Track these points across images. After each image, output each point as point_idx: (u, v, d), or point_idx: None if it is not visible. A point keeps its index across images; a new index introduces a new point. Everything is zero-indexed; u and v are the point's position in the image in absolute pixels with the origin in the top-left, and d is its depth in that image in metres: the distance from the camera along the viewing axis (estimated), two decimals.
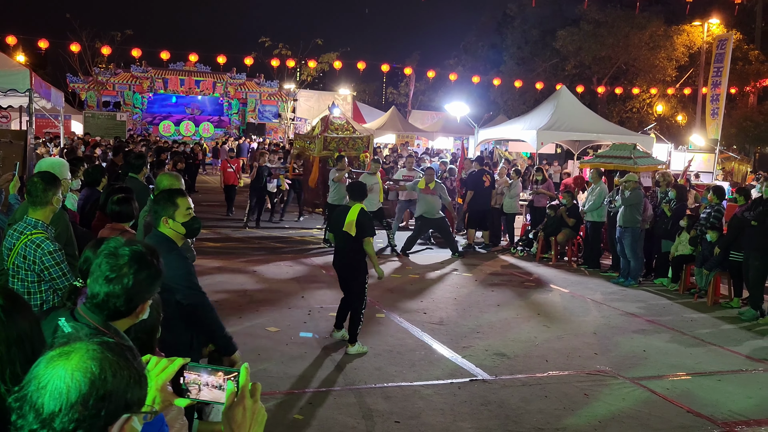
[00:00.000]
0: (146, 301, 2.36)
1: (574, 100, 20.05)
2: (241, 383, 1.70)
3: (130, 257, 2.32)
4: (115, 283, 2.28)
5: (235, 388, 1.69)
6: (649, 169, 13.74)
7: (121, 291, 2.28)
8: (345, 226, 7.29)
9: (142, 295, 2.31)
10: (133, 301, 2.30)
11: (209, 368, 1.72)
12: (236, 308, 8.72)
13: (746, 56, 33.59)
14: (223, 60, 38.93)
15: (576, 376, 6.90)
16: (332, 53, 43.83)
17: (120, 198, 5.39)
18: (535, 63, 38.93)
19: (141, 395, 1.40)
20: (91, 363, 1.33)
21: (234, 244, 13.42)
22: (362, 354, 7.18)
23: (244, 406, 1.69)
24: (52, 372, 1.32)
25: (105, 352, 1.36)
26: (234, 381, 1.69)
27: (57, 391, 1.30)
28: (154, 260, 2.35)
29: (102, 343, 1.38)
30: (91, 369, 1.32)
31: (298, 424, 5.45)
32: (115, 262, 2.30)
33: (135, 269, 2.29)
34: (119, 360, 1.37)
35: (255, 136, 38.82)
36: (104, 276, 2.28)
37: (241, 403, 1.69)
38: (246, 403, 1.70)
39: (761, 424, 5.90)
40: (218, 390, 1.70)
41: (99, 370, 1.33)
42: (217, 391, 1.70)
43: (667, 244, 11.47)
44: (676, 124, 36.25)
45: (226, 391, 1.69)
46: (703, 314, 9.73)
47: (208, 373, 1.71)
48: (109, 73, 40.49)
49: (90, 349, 1.36)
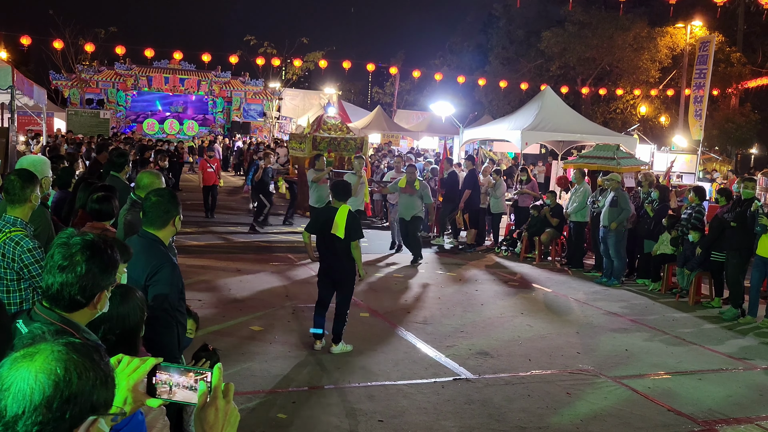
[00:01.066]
0: (103, 290, 2.31)
1: (559, 100, 20.13)
2: (214, 384, 1.68)
3: (81, 245, 2.28)
4: (68, 272, 2.24)
5: (207, 388, 1.67)
6: (632, 170, 13.84)
7: (74, 279, 2.24)
8: (333, 228, 7.12)
9: (97, 283, 2.26)
10: (88, 289, 2.25)
11: (181, 368, 1.70)
12: (219, 307, 8.69)
13: (728, 58, 33.89)
14: (208, 58, 38.77)
15: (559, 375, 6.94)
16: (318, 52, 43.85)
17: (100, 196, 5.36)
18: (520, 63, 39.09)
19: (108, 397, 1.37)
20: (55, 364, 1.30)
21: (218, 243, 13.37)
22: (346, 353, 7.16)
23: (216, 407, 1.67)
24: (16, 374, 1.29)
25: (70, 353, 1.33)
26: (206, 381, 1.67)
27: (20, 393, 1.27)
28: (107, 249, 2.31)
29: (67, 343, 1.35)
30: (55, 371, 1.30)
31: (282, 423, 5.45)
32: (67, 251, 2.26)
33: (87, 256, 2.25)
34: (85, 361, 1.34)
35: (240, 134, 38.68)
36: (57, 265, 2.25)
37: (213, 403, 1.67)
38: (218, 403, 1.68)
39: (740, 422, 5.97)
40: (191, 391, 1.68)
41: (63, 372, 1.30)
42: (190, 392, 1.68)
43: (649, 244, 11.55)
44: (659, 125, 36.53)
45: (198, 391, 1.67)
46: (684, 314, 9.81)
47: (180, 374, 1.69)
48: (92, 71, 40.17)
49: (55, 350, 1.33)
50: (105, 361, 1.39)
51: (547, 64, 37.46)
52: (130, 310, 2.42)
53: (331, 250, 7.25)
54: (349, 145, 16.18)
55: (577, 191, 12.69)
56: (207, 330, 7.58)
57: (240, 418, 1.75)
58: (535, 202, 14.03)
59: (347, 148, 16.17)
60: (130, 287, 2.59)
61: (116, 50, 36.06)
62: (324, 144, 15.54)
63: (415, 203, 12.29)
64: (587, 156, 14.77)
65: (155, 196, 4.10)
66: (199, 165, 18.57)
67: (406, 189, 12.36)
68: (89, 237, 2.31)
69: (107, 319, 2.42)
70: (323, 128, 16.26)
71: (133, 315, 2.43)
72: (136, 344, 2.45)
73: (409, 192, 12.32)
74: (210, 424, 1.66)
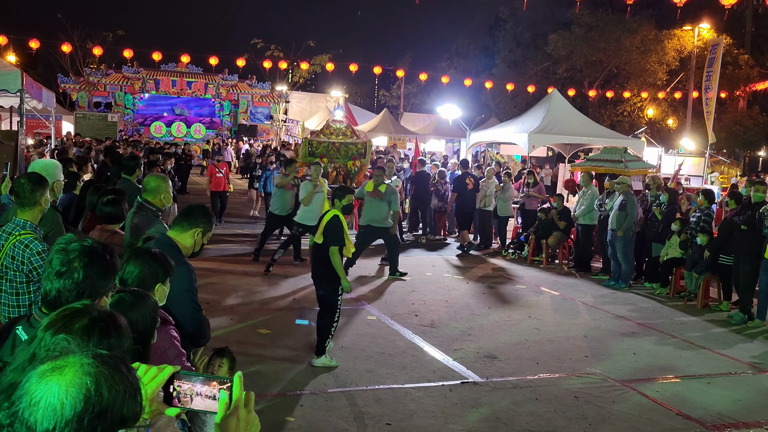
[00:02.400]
0: (102, 296, 2.30)
1: (566, 103, 20.10)
2: (235, 393, 1.66)
3: (79, 251, 2.26)
4: (66, 278, 2.23)
5: (228, 398, 1.66)
6: (639, 173, 13.80)
7: (72, 285, 2.22)
8: (316, 235, 6.93)
9: (95, 289, 2.24)
10: (86, 295, 2.23)
11: (202, 377, 1.69)
12: (227, 310, 8.71)
13: (736, 61, 33.78)
14: (215, 61, 38.89)
15: (567, 378, 6.92)
16: (324, 55, 43.99)
17: (110, 199, 5.38)
18: (527, 66, 39.06)
19: (136, 409, 1.35)
20: (86, 378, 1.28)
21: (225, 246, 13.38)
22: (330, 368, 6.77)
23: (237, 417, 1.66)
24: (45, 387, 1.27)
25: (99, 366, 1.31)
26: (227, 390, 1.66)
27: (51, 407, 1.25)
28: (106, 254, 2.30)
29: (96, 356, 1.33)
30: (86, 384, 1.28)
31: (290, 426, 5.45)
32: (65, 256, 2.25)
33: (85, 262, 2.23)
34: (114, 374, 1.32)
35: (246, 137, 38.76)
36: (55, 271, 2.24)
37: (234, 413, 1.66)
38: (240, 413, 1.66)
39: (750, 426, 5.94)
40: (211, 399, 1.66)
41: (95, 386, 1.28)
42: (210, 401, 1.66)
43: (657, 247, 11.52)
44: (666, 127, 36.42)
45: (219, 400, 1.66)
46: (692, 317, 9.77)
47: (201, 383, 1.68)
48: (100, 74, 40.37)
49: (84, 363, 1.31)
50: (133, 374, 1.37)
51: (554, 67, 37.42)
52: (140, 316, 2.41)
53: (312, 257, 7.13)
54: (349, 151, 14.89)
55: (584, 194, 12.66)
56: (215, 333, 7.56)
57: (259, 426, 1.73)
58: (543, 205, 14.01)
59: (346, 155, 14.82)
60: (142, 292, 2.58)
61: (124, 53, 36.18)
62: (322, 148, 14.45)
63: (381, 209, 11.20)
64: (595, 159, 14.74)
65: (195, 207, 4.14)
66: (208, 170, 17.99)
67: (373, 193, 11.33)
68: (88, 243, 2.30)
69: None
70: (326, 132, 15.14)
71: (143, 321, 2.41)
72: (146, 351, 2.44)
73: (377, 196, 11.26)
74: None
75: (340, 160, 14.76)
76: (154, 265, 3.06)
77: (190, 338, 3.94)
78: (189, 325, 3.89)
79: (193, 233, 4.02)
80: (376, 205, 11.21)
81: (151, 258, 3.08)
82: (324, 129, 15.37)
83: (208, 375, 1.71)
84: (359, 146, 15.08)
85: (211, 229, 4.17)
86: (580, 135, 18.57)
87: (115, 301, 2.42)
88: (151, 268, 3.05)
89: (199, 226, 4.04)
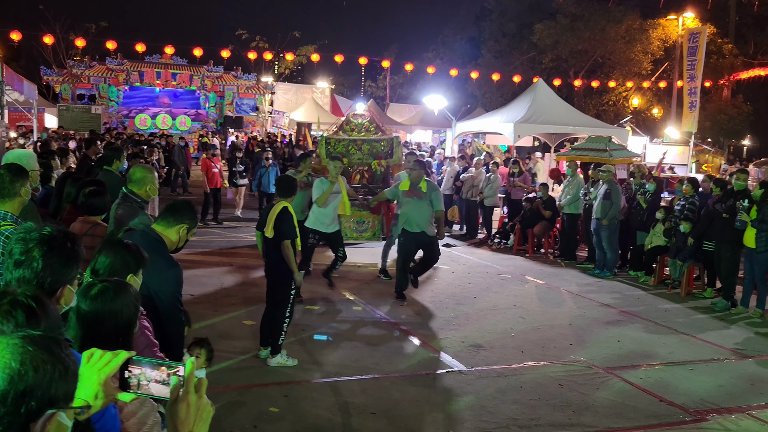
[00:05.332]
0: (65, 285, 2.27)
1: (551, 93, 20.13)
2: (186, 378, 1.65)
3: (38, 240, 2.22)
4: (25, 267, 2.19)
5: (179, 382, 1.65)
6: (624, 162, 13.86)
7: (31, 275, 2.19)
8: (266, 229, 6.60)
9: (57, 278, 2.21)
10: (47, 285, 2.20)
11: (154, 362, 1.68)
12: (212, 302, 8.68)
13: (720, 50, 33.94)
14: (200, 53, 38.62)
15: (551, 366, 6.95)
16: (310, 46, 43.79)
17: (92, 191, 5.33)
18: (513, 56, 39.08)
19: (68, 390, 1.34)
20: (10, 358, 1.28)
21: (210, 239, 13.33)
22: (287, 367, 6.50)
23: (188, 402, 1.64)
24: None
25: (26, 345, 1.30)
26: (178, 375, 1.65)
27: None
28: (67, 242, 2.25)
29: (25, 336, 1.32)
30: (9, 364, 1.27)
31: (274, 416, 5.44)
32: (24, 246, 2.21)
33: (45, 251, 2.19)
34: (42, 353, 1.31)
35: (233, 129, 38.55)
36: (14, 261, 2.20)
37: (185, 398, 1.64)
38: (190, 398, 1.65)
39: (732, 411, 5.99)
40: (163, 385, 1.65)
41: (19, 365, 1.28)
42: (162, 386, 1.66)
43: (642, 235, 11.57)
44: (651, 117, 36.58)
45: (170, 386, 1.65)
46: (676, 305, 9.84)
47: (152, 368, 1.67)
48: (83, 66, 39.95)
49: (10, 343, 1.30)
50: (66, 353, 1.36)
51: (539, 57, 37.45)
52: (124, 305, 2.39)
53: (264, 251, 6.87)
54: (373, 149, 12.93)
55: (570, 183, 12.69)
56: (200, 324, 7.56)
57: (213, 414, 1.70)
58: (528, 195, 14.04)
59: (370, 153, 12.91)
60: (123, 282, 2.56)
61: (107, 45, 35.87)
62: (341, 147, 12.62)
63: (422, 210, 9.28)
64: (580, 148, 14.79)
65: (181, 202, 4.16)
66: (202, 165, 15.84)
67: (410, 191, 9.43)
68: (47, 231, 2.25)
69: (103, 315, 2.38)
70: (345, 128, 13.21)
71: (126, 311, 2.39)
72: (129, 340, 2.42)
73: (414, 195, 9.35)
74: (181, 419, 1.63)
75: (364, 160, 12.97)
76: (126, 255, 3.03)
77: (168, 338, 3.91)
78: (170, 326, 3.88)
79: (179, 229, 4.01)
80: (416, 207, 9.27)
81: (124, 249, 3.05)
82: (344, 125, 13.52)
83: (161, 361, 1.70)
84: (384, 143, 13.20)
85: (196, 225, 4.18)
86: (565, 124, 18.61)
87: (98, 291, 2.39)
88: (124, 259, 3.02)
89: (185, 223, 4.04)
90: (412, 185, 9.35)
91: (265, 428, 5.24)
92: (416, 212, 9.23)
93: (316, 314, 8.41)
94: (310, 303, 8.80)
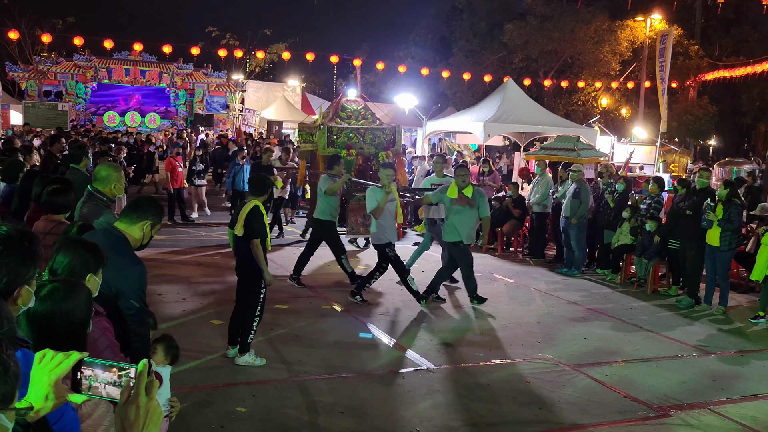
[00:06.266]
0: (22, 285, 2.24)
1: (520, 92, 20.31)
2: (137, 380, 1.63)
3: None
4: None
5: (130, 384, 1.63)
6: (591, 161, 14.03)
7: None
8: (236, 227, 6.57)
9: (13, 278, 2.18)
10: (2, 284, 2.15)
11: (106, 364, 1.66)
12: (180, 301, 8.61)
13: (687, 51, 34.46)
14: (169, 50, 38.11)
15: (519, 364, 7.01)
16: (281, 44, 43.49)
17: (55, 189, 5.27)
18: (483, 56, 39.25)
19: (6, 390, 1.32)
20: None
21: (179, 237, 13.21)
22: (255, 366, 6.46)
23: (137, 404, 1.62)
24: None
25: None
26: (129, 377, 1.63)
27: None
28: (24, 241, 2.22)
29: None
30: None
31: (241, 416, 5.41)
32: None
33: (0, 251, 2.16)
34: None
35: (203, 127, 38.24)
36: None
37: (134, 401, 1.63)
38: (140, 401, 1.63)
39: (694, 407, 6.09)
40: (115, 386, 1.64)
41: None
42: (114, 388, 1.64)
43: (609, 234, 11.72)
44: (620, 117, 37.01)
45: (121, 388, 1.63)
46: (642, 302, 9.98)
47: (104, 369, 1.65)
48: (50, 62, 39.36)
49: None
50: (7, 354, 1.34)
51: (509, 57, 37.67)
52: (75, 305, 2.35)
53: (235, 250, 6.84)
54: (376, 139, 12.11)
55: (539, 182, 12.80)
56: (167, 324, 7.50)
57: (161, 415, 1.69)
58: (498, 194, 14.13)
59: (374, 142, 12.06)
60: (75, 282, 2.52)
61: (74, 41, 35.26)
62: (344, 137, 11.73)
63: (472, 219, 9.02)
64: (548, 147, 14.94)
65: (144, 198, 4.09)
66: (165, 164, 15.44)
67: (460, 200, 8.94)
68: (3, 230, 2.22)
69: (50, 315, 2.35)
70: (342, 115, 12.25)
71: (78, 311, 2.36)
72: (83, 340, 2.39)
73: (466, 204, 8.92)
74: (130, 421, 1.61)
75: (369, 151, 12.21)
76: (85, 254, 2.99)
77: (133, 338, 3.87)
78: (135, 325, 3.84)
79: (142, 225, 3.95)
80: (468, 216, 8.95)
81: (83, 247, 3.01)
82: (339, 111, 12.50)
83: (112, 362, 1.68)
84: (387, 131, 12.41)
85: (160, 221, 4.12)
86: (534, 124, 18.79)
87: (48, 291, 2.36)
88: (82, 258, 2.98)
89: (149, 219, 3.98)
90: (461, 192, 8.93)
91: (232, 428, 5.22)
92: (467, 221, 8.94)
93: (285, 313, 8.38)
94: (280, 302, 8.77)
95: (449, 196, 8.97)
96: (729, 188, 9.31)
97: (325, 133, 11.51)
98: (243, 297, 6.71)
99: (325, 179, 9.73)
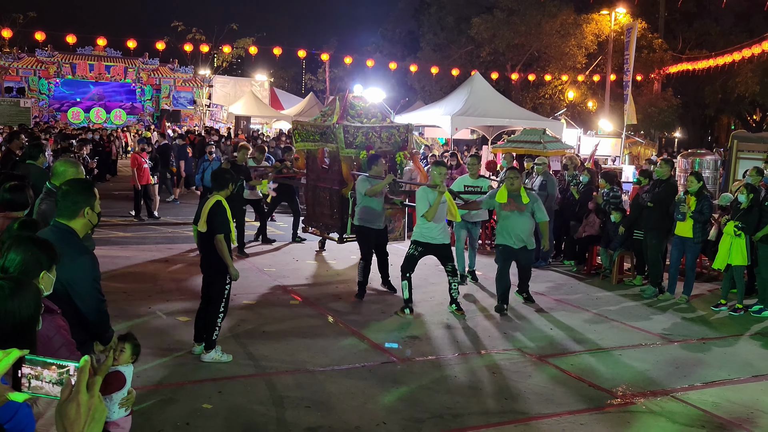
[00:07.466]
0: None
1: (488, 86, 20.41)
2: (77, 377, 1.60)
3: None
4: None
5: (70, 381, 1.60)
6: (557, 153, 14.15)
7: None
8: (199, 223, 6.50)
9: None
10: None
11: (47, 361, 1.64)
12: (145, 298, 8.52)
13: (651, 44, 34.87)
14: (134, 44, 37.71)
15: (485, 355, 7.06)
16: (248, 38, 43.22)
17: (13, 186, 5.18)
18: (451, 50, 39.32)
19: None
20: None
21: (145, 234, 13.06)
22: (221, 363, 6.43)
23: (78, 402, 1.59)
24: None
25: None
26: (69, 374, 1.61)
27: None
28: None
29: None
30: None
31: (207, 413, 5.38)
32: None
33: None
34: None
35: (170, 123, 37.83)
36: None
37: (75, 398, 1.59)
38: (81, 398, 1.59)
39: (657, 394, 6.20)
40: (57, 384, 1.61)
41: None
42: (55, 386, 1.61)
43: (575, 225, 11.84)
44: (586, 110, 37.36)
45: (62, 386, 1.61)
46: (607, 292, 10.10)
47: (43, 366, 1.62)
48: (11, 58, 38.64)
49: None
50: None
51: (477, 51, 37.79)
52: (21, 304, 2.30)
53: (199, 246, 6.77)
54: (392, 138, 11.24)
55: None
56: (133, 321, 7.44)
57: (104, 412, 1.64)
58: None
59: (390, 141, 11.21)
60: (22, 279, 2.48)
61: (36, 36, 34.63)
62: (360, 137, 10.86)
63: (525, 224, 8.66)
64: (515, 140, 15.02)
65: (66, 186, 4.00)
66: (131, 160, 15.17)
67: (510, 205, 8.66)
68: None
69: None
70: (351, 113, 11.41)
71: (25, 309, 2.30)
72: (32, 339, 2.34)
73: (515, 209, 8.64)
74: (71, 420, 1.58)
75: (386, 150, 11.26)
76: (37, 252, 2.94)
77: (94, 329, 3.84)
78: (92, 316, 3.79)
79: (83, 212, 3.89)
80: (518, 221, 8.63)
81: (35, 245, 2.96)
82: (348, 109, 11.44)
83: (52, 360, 1.65)
84: (402, 129, 11.56)
85: (95, 198, 4.00)
86: (501, 117, 18.90)
87: None
88: (35, 255, 2.93)
89: (81, 204, 3.89)
90: (511, 196, 8.67)
91: (198, 425, 5.18)
92: (518, 226, 8.60)
93: (251, 309, 8.34)
94: (247, 298, 8.72)
95: (498, 201, 8.73)
96: (701, 181, 9.48)
97: (342, 132, 10.73)
98: (208, 293, 6.66)
99: (363, 181, 9.17)
